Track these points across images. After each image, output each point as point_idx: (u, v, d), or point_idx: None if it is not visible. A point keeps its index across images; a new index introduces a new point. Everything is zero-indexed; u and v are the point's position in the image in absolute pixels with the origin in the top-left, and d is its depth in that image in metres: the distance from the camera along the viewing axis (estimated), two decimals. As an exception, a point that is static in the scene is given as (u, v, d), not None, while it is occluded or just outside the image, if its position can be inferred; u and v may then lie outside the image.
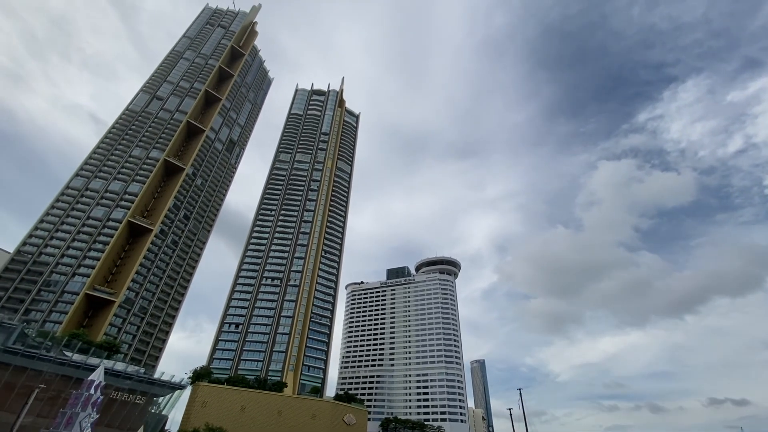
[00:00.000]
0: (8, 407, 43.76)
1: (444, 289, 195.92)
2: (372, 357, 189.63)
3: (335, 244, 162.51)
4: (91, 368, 50.48)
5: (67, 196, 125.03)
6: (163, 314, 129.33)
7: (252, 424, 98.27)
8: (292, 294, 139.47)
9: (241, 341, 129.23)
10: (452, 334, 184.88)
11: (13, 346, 45.19)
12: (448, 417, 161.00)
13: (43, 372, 46.41)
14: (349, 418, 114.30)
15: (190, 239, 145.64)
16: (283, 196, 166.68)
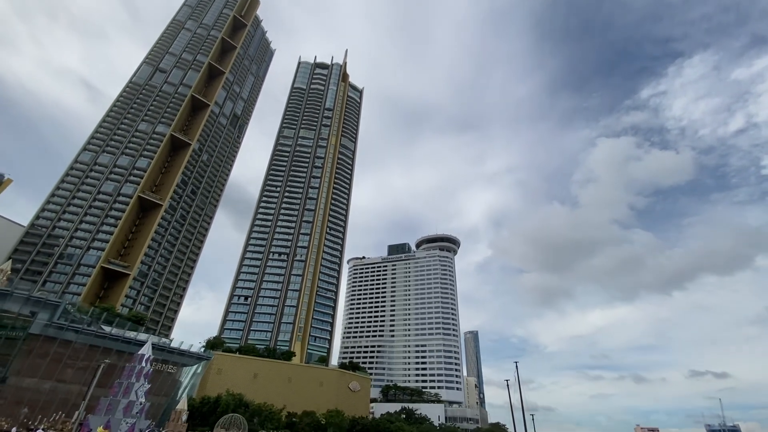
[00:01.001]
0: (56, 377, 48.32)
1: (443, 265, 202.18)
2: (373, 328, 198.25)
3: (339, 221, 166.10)
4: (130, 341, 54.91)
5: (77, 171, 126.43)
6: (174, 286, 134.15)
7: (264, 390, 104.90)
8: (299, 269, 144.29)
9: (250, 313, 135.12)
10: (450, 308, 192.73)
11: (57, 321, 49.17)
12: (444, 385, 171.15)
13: (86, 345, 50.69)
14: (353, 385, 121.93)
15: (198, 214, 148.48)
16: (288, 172, 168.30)
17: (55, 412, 45.77)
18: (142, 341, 52.46)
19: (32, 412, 44.83)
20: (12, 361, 48.11)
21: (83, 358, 50.73)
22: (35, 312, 48.46)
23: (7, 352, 48.72)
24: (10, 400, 44.86)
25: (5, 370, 48.13)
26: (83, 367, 51.12)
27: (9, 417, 42.43)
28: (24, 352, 47.11)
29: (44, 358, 47.76)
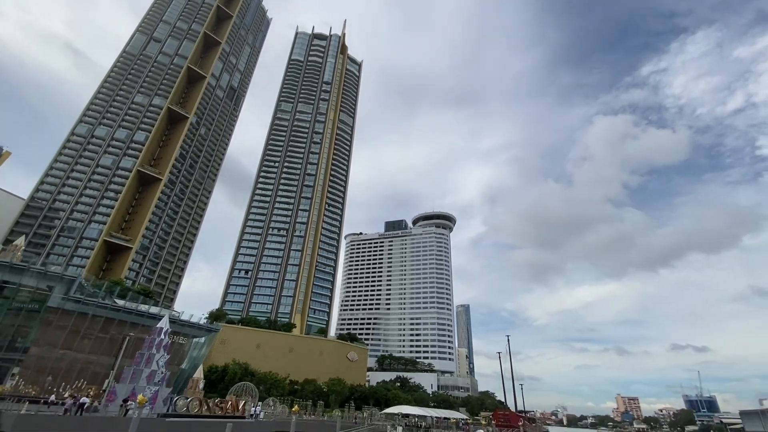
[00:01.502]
0: (83, 348, 51.02)
1: (439, 242, 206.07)
2: (370, 301, 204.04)
3: (338, 197, 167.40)
4: (143, 314, 57.44)
5: (74, 143, 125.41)
6: (175, 260, 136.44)
7: (266, 359, 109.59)
8: (298, 244, 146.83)
9: (251, 286, 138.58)
10: (444, 283, 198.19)
11: (74, 295, 51.26)
12: (437, 355, 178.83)
13: (102, 317, 53.13)
14: (351, 355, 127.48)
15: (197, 188, 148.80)
16: (286, 147, 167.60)
17: (76, 380, 48.71)
18: (154, 314, 55.03)
19: (54, 380, 47.70)
20: (33, 333, 50.59)
21: (100, 330, 53.27)
22: (52, 286, 50.44)
23: (28, 325, 51.10)
24: (33, 369, 47.54)
25: (27, 341, 50.68)
26: (100, 338, 53.74)
27: (34, 384, 45.29)
28: (43, 325, 49.44)
29: (63, 330, 50.18)
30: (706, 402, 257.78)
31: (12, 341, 51.30)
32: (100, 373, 52.09)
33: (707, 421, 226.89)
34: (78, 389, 46.38)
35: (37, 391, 43.59)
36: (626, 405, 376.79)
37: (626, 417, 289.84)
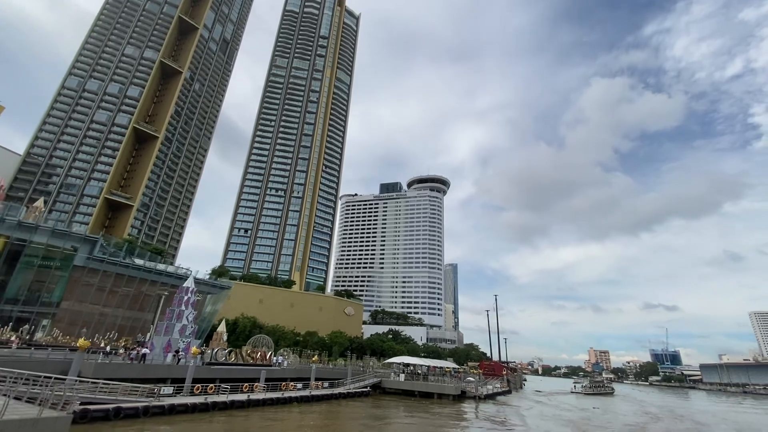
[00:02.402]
0: (107, 303, 54.99)
1: (433, 205, 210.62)
2: (364, 260, 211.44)
3: (335, 158, 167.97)
4: (161, 272, 61.20)
5: (65, 97, 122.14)
6: (175, 217, 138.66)
7: (269, 314, 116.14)
8: (296, 205, 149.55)
9: (251, 244, 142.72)
10: (436, 244, 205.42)
11: (97, 255, 54.37)
12: (427, 311, 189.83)
13: (124, 275, 56.74)
14: (349, 310, 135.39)
15: (193, 146, 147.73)
16: (282, 106, 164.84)
17: (106, 332, 53.23)
18: (171, 273, 59.12)
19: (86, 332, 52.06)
20: (58, 290, 54.15)
21: (123, 287, 57.13)
22: (77, 246, 53.36)
23: (53, 282, 54.50)
24: (66, 322, 51.66)
25: (52, 296, 54.35)
26: (123, 294, 57.70)
27: (70, 335, 49.62)
28: (71, 282, 52.91)
29: (89, 287, 53.83)
30: (670, 356, 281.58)
31: (39, 297, 54.90)
32: (126, 326, 56.73)
33: (669, 372, 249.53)
34: (110, 340, 51.04)
35: (68, 340, 48.01)
36: (597, 357, 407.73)
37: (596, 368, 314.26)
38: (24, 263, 50.97)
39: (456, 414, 41.03)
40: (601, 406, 61.30)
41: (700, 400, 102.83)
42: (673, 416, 54.28)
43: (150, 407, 22.83)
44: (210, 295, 70.30)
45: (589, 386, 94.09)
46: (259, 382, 35.13)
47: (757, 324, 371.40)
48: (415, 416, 36.80)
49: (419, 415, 37.39)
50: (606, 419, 46.04)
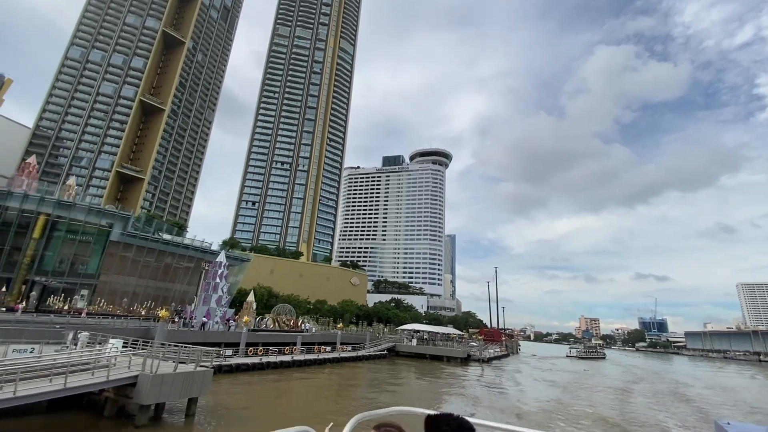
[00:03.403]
0: (140, 274, 59.37)
1: (435, 178, 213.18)
2: (366, 231, 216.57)
3: (339, 131, 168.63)
4: (188, 246, 65.31)
5: (69, 68, 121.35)
6: (184, 190, 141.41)
7: (280, 283, 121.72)
8: (302, 178, 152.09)
9: (259, 217, 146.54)
10: (438, 217, 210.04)
11: (130, 231, 58.11)
12: (428, 281, 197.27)
13: (155, 249, 60.81)
14: (354, 280, 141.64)
15: (198, 119, 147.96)
16: (285, 78, 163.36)
17: (143, 302, 57.94)
18: (198, 246, 63.46)
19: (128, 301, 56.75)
20: (93, 263, 58.26)
21: (156, 259, 61.36)
22: (111, 223, 56.96)
23: (88, 255, 58.47)
24: (106, 292, 56.15)
25: (87, 268, 58.50)
26: (155, 266, 62.01)
27: (112, 304, 54.29)
28: (108, 256, 56.92)
29: (125, 260, 57.94)
30: (658, 323, 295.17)
31: (77, 269, 59.03)
32: (159, 296, 61.39)
33: (655, 339, 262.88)
34: (149, 309, 55.83)
35: (122, 310, 52.80)
36: (588, 324, 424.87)
37: (586, 334, 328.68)
38: (63, 239, 54.69)
39: (467, 373, 46.65)
40: (591, 368, 67.88)
41: (681, 364, 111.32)
42: (654, 376, 60.76)
43: (222, 366, 27.38)
44: (232, 267, 74.95)
45: (584, 351, 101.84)
46: (297, 345, 40.02)
47: (743, 295, 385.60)
48: (436, 374, 42.21)
49: (442, 373, 42.82)
50: (596, 380, 52.07)
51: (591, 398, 34.69)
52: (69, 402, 14.31)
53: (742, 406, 36.85)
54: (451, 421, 1.60)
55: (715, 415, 29.84)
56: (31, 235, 51.69)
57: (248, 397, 23.67)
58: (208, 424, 16.11)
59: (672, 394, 41.48)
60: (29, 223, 51.66)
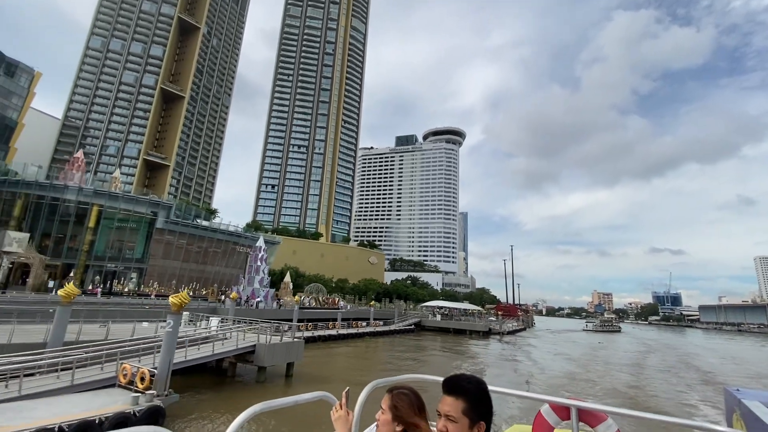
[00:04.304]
0: (183, 258, 64.28)
1: (449, 157, 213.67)
2: (381, 211, 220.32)
3: (353, 112, 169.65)
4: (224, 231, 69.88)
5: (91, 59, 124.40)
6: (206, 174, 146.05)
7: (303, 263, 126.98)
8: (318, 161, 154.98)
9: (278, 199, 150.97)
10: (452, 195, 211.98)
11: (172, 218, 62.61)
12: (443, 259, 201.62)
13: (195, 235, 65.43)
14: (372, 259, 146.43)
15: (216, 104, 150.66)
16: (298, 61, 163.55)
17: (189, 283, 63.00)
18: (233, 231, 68.17)
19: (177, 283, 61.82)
20: (139, 248, 63.15)
21: (195, 244, 66.10)
22: (155, 211, 61.41)
23: (134, 241, 63.33)
24: (156, 275, 61.21)
25: (135, 253, 63.47)
26: (195, 251, 66.82)
27: (162, 286, 59.38)
28: (155, 242, 61.66)
29: (170, 246, 62.72)
30: (672, 297, 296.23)
31: (123, 254, 64.02)
32: (201, 278, 66.42)
33: (669, 312, 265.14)
34: (196, 290, 60.88)
35: (172, 291, 57.83)
36: (600, 299, 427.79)
37: (599, 309, 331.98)
38: (114, 227, 59.39)
39: (489, 345, 50.75)
40: (607, 340, 71.59)
41: (693, 336, 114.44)
42: (666, 347, 64.19)
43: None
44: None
45: (599, 325, 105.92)
46: (338, 321, 44.36)
47: (761, 268, 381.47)
48: (462, 345, 46.34)
49: (466, 344, 46.95)
50: (612, 350, 55.75)
51: (609, 359, 38.34)
52: (196, 368, 18.25)
53: (753, 374, 39.91)
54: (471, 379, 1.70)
55: (725, 383, 32.73)
56: (87, 224, 56.42)
57: (318, 364, 27.83)
58: (303, 383, 20.09)
59: (683, 363, 44.88)
60: (85, 213, 56.33)
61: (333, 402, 2.17)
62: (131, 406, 10.71)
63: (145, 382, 11.78)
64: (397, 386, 1.90)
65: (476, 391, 1.63)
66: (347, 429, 1.93)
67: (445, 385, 1.68)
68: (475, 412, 1.60)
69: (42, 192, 54.59)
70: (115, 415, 10.02)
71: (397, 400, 1.81)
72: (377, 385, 2.58)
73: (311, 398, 2.33)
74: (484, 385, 1.67)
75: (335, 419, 1.96)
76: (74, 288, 14.44)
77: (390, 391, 1.87)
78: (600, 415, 2.86)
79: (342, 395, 2.04)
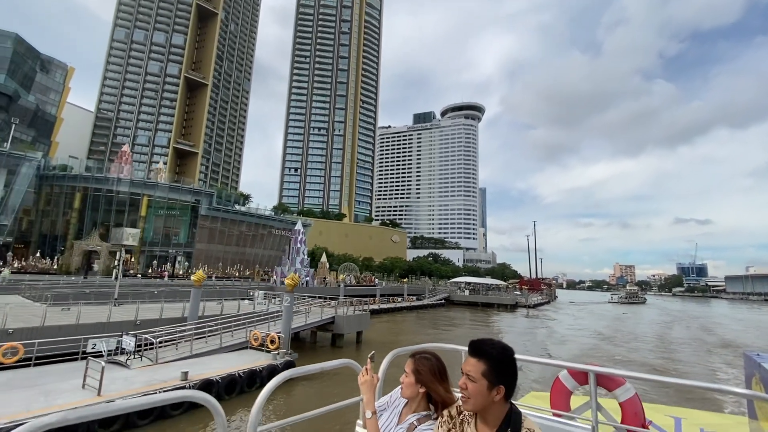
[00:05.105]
0: (225, 242, 68.92)
1: (468, 133, 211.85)
2: (400, 190, 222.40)
3: (371, 92, 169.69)
4: (261, 216, 74.03)
5: (117, 50, 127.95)
6: (232, 160, 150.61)
7: (329, 243, 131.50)
8: (338, 143, 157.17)
9: (302, 182, 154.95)
10: (471, 172, 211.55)
11: (215, 205, 66.93)
12: (463, 235, 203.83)
13: (235, 220, 69.82)
14: (395, 238, 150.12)
15: (237, 90, 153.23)
16: (314, 42, 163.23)
17: (232, 265, 67.79)
18: (268, 215, 72.37)
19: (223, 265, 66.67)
20: (183, 233, 67.98)
21: (235, 228, 70.57)
22: (199, 199, 65.73)
23: (179, 227, 68.11)
24: (203, 258, 66.15)
25: (180, 238, 68.38)
26: (236, 234, 71.38)
27: (211, 268, 64.24)
28: (200, 227, 66.26)
29: (213, 231, 67.32)
30: (697, 268, 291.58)
31: (170, 239, 68.97)
32: (243, 260, 71.17)
33: (693, 283, 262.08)
34: (239, 271, 65.69)
35: (218, 273, 62.73)
36: (622, 271, 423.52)
37: (620, 281, 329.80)
38: (162, 215, 64.06)
39: (518, 317, 53.81)
40: (631, 312, 73.71)
41: (719, 307, 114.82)
42: (690, 317, 65.93)
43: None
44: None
45: (625, 297, 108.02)
46: (377, 297, 48.05)
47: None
48: (493, 317, 49.56)
49: (497, 317, 50.16)
50: (636, 320, 58.02)
51: (634, 330, 40.93)
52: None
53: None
54: (496, 344, 1.71)
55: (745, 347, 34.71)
56: (139, 213, 61.20)
57: (376, 332, 31.51)
58: (372, 347, 23.56)
59: (706, 331, 46.95)
60: (136, 203, 61.03)
61: (357, 369, 2.42)
62: (274, 361, 14.12)
63: (275, 344, 15.17)
64: (419, 351, 2.11)
65: (498, 355, 1.67)
66: (373, 392, 2.13)
67: (470, 347, 1.75)
68: (495, 375, 1.64)
69: (98, 185, 59.34)
70: (268, 365, 13.44)
71: (419, 364, 1.98)
72: (398, 353, 2.78)
73: (337, 365, 2.57)
74: (510, 352, 1.72)
75: (362, 383, 2.16)
76: (202, 274, 17.88)
77: (413, 356, 2.07)
78: (618, 380, 2.94)
79: (367, 361, 2.26)
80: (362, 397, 2.19)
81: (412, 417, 1.95)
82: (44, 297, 20.18)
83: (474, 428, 1.71)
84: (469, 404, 1.69)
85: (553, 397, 3.25)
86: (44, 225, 59.88)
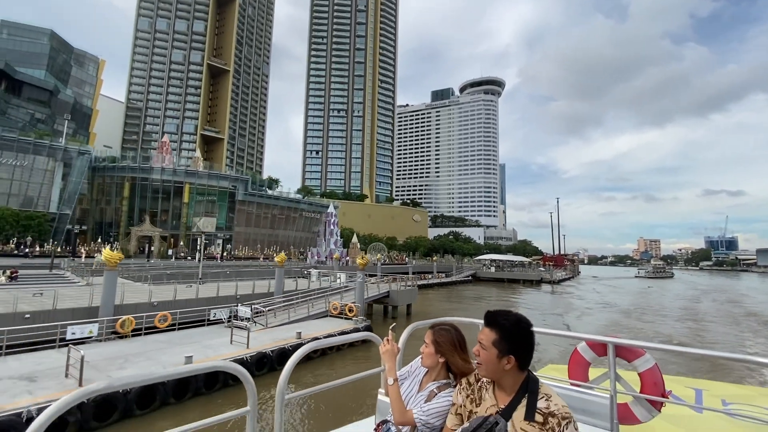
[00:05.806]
0: (260, 225, 72.93)
1: (487, 109, 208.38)
2: (420, 169, 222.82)
3: (389, 71, 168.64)
4: (291, 199, 77.55)
5: (142, 40, 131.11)
6: (255, 144, 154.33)
7: (353, 224, 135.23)
8: (358, 124, 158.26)
9: (323, 164, 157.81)
10: (492, 149, 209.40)
11: (250, 191, 70.68)
12: (483, 213, 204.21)
13: (270, 204, 73.56)
14: (416, 217, 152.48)
15: (257, 74, 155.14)
16: (331, 23, 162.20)
17: (268, 246, 71.89)
18: (297, 199, 76.00)
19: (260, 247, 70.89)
20: (221, 217, 72.17)
21: (271, 212, 74.44)
22: (236, 186, 69.45)
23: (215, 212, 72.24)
24: (242, 240, 70.43)
25: (222, 222, 72.67)
26: (270, 217, 75.28)
27: (251, 250, 68.49)
28: (238, 212, 70.30)
29: (250, 215, 71.31)
30: (727, 242, 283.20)
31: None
32: (277, 242, 75.18)
33: (723, 257, 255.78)
34: (275, 252, 69.78)
35: (254, 253, 66.92)
36: (647, 246, 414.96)
37: (645, 256, 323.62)
38: (202, 200, 68.18)
39: (544, 292, 56.01)
40: (657, 286, 74.69)
41: (749, 281, 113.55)
42: (718, 291, 66.60)
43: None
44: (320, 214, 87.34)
45: (652, 271, 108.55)
46: (409, 274, 51.03)
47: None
48: (520, 292, 51.97)
49: (524, 291, 52.55)
50: (665, 293, 59.31)
51: (663, 302, 42.68)
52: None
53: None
54: (510, 315, 1.73)
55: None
56: (182, 200, 65.43)
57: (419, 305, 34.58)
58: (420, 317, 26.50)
59: (733, 303, 48.13)
60: (179, 191, 65.14)
61: (377, 341, 2.57)
62: (356, 325, 17.12)
63: (353, 312, 18.17)
64: (439, 322, 2.22)
65: (510, 326, 1.72)
66: (394, 360, 2.27)
67: (485, 317, 1.82)
68: (505, 344, 1.70)
69: (144, 174, 63.58)
70: (353, 329, 16.44)
71: (438, 335, 2.10)
72: (416, 327, 2.88)
73: (358, 337, 2.71)
74: (524, 324, 1.74)
75: (383, 352, 2.32)
76: (284, 256, 20.93)
77: (432, 327, 2.18)
78: (637, 351, 2.90)
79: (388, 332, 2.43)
80: (384, 366, 2.36)
81: (432, 385, 2.07)
82: (143, 277, 23.72)
83: (492, 394, 1.79)
84: (482, 370, 1.80)
85: (571, 368, 3.28)
86: (98, 213, 65.00)
